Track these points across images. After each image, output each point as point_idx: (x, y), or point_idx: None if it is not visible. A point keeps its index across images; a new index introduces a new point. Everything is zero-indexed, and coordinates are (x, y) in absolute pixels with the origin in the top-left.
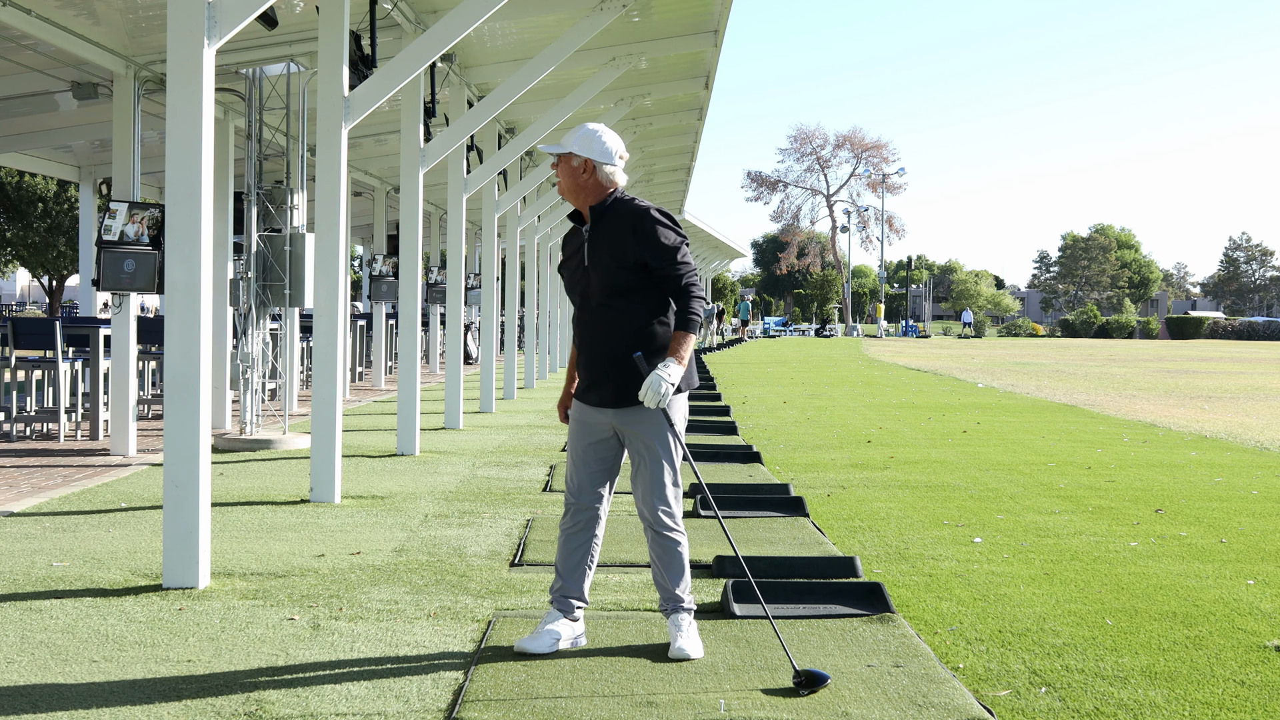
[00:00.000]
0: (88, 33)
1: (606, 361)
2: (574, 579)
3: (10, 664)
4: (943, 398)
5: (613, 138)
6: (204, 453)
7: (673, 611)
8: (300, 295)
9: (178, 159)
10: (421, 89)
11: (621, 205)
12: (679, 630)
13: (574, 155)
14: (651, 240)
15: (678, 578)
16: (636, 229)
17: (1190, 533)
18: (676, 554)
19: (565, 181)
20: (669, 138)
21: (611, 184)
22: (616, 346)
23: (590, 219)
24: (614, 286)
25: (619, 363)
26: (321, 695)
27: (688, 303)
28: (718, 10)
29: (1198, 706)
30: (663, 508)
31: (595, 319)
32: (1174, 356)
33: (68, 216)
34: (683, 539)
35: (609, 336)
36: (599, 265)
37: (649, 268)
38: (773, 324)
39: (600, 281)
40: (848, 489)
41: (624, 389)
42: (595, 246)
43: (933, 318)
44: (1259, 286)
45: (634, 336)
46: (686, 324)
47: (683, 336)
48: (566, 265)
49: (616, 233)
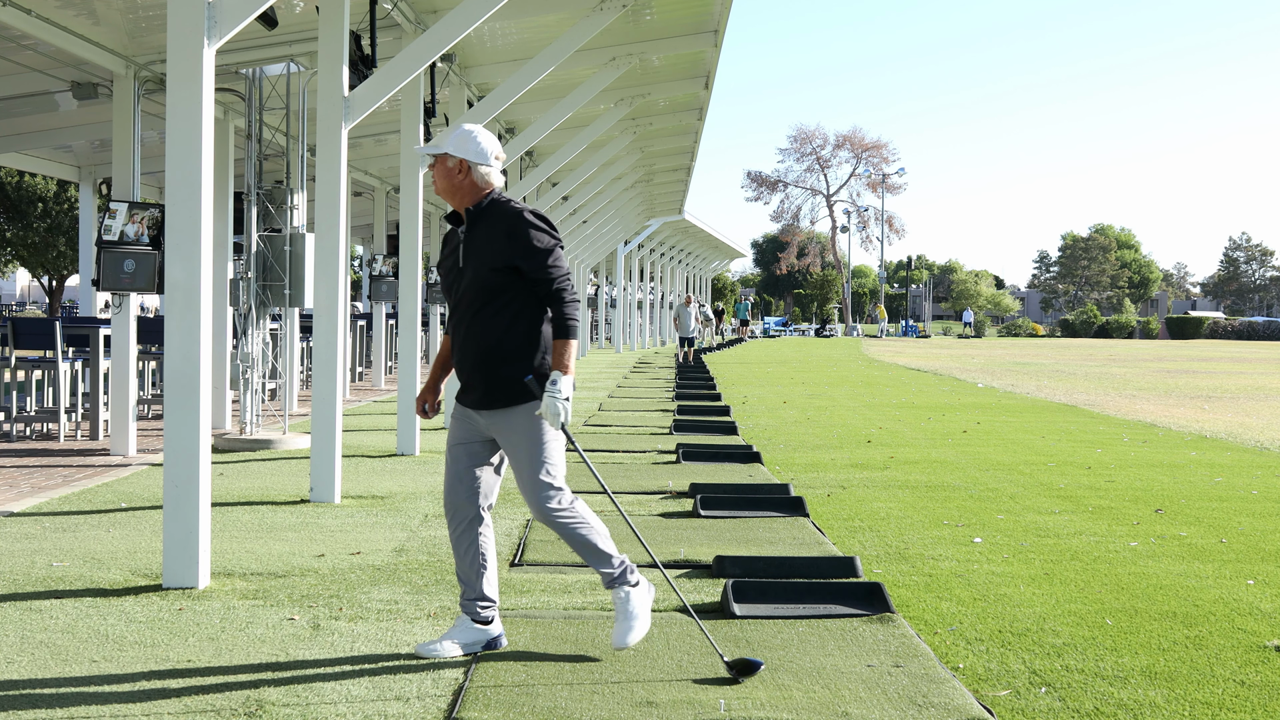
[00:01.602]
0: (88, 33)
1: (475, 364)
2: (473, 583)
3: (10, 664)
4: (943, 398)
5: (489, 138)
6: (204, 453)
7: (610, 586)
8: (300, 295)
9: (178, 159)
10: (421, 89)
11: (497, 207)
12: (617, 613)
13: (449, 156)
14: (524, 243)
15: (594, 556)
16: (510, 231)
17: (1190, 533)
18: (578, 535)
19: (441, 182)
20: (669, 138)
21: (488, 185)
22: (486, 349)
23: (466, 220)
24: (486, 289)
25: (486, 366)
26: (321, 695)
27: (563, 308)
28: (718, 10)
29: (1198, 706)
30: (545, 500)
31: (468, 321)
32: (1174, 356)
33: (68, 216)
34: (576, 517)
35: (480, 339)
36: (472, 267)
37: (520, 271)
38: (773, 324)
39: (472, 283)
40: (848, 489)
41: (491, 392)
42: (470, 248)
43: (933, 318)
44: (1259, 286)
45: (503, 340)
46: (566, 330)
47: (564, 345)
48: (442, 265)
49: (491, 235)
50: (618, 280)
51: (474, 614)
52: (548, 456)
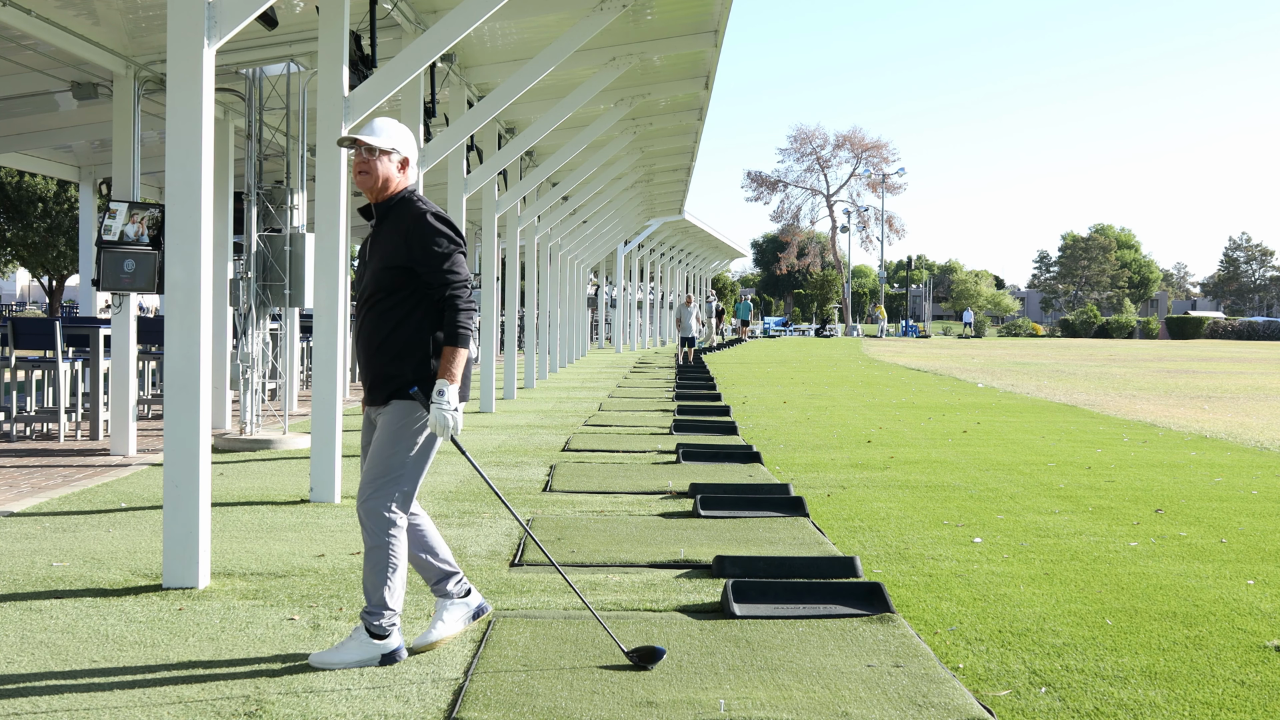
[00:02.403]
0: (88, 33)
1: (366, 360)
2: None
3: (10, 664)
4: (943, 398)
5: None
6: (204, 453)
7: (363, 618)
8: (300, 295)
9: (178, 159)
10: (421, 89)
11: (406, 205)
12: (348, 638)
13: (396, 151)
14: (423, 244)
15: (375, 585)
16: (410, 231)
17: (1190, 533)
18: (381, 554)
19: (378, 175)
20: (669, 138)
21: (407, 182)
22: (374, 346)
23: (377, 215)
24: (381, 286)
25: (374, 362)
26: (321, 695)
27: (454, 315)
28: (718, 10)
29: (1198, 706)
30: (375, 499)
31: (362, 316)
32: (1174, 356)
33: (68, 216)
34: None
35: (370, 335)
36: (373, 263)
37: (415, 272)
38: (773, 324)
39: (371, 279)
40: (848, 489)
41: (375, 388)
42: (374, 243)
43: (933, 318)
44: (1259, 286)
45: (390, 338)
46: (453, 338)
47: (451, 352)
48: (360, 258)
49: (393, 232)
50: (618, 280)
51: (449, 594)
52: (402, 464)
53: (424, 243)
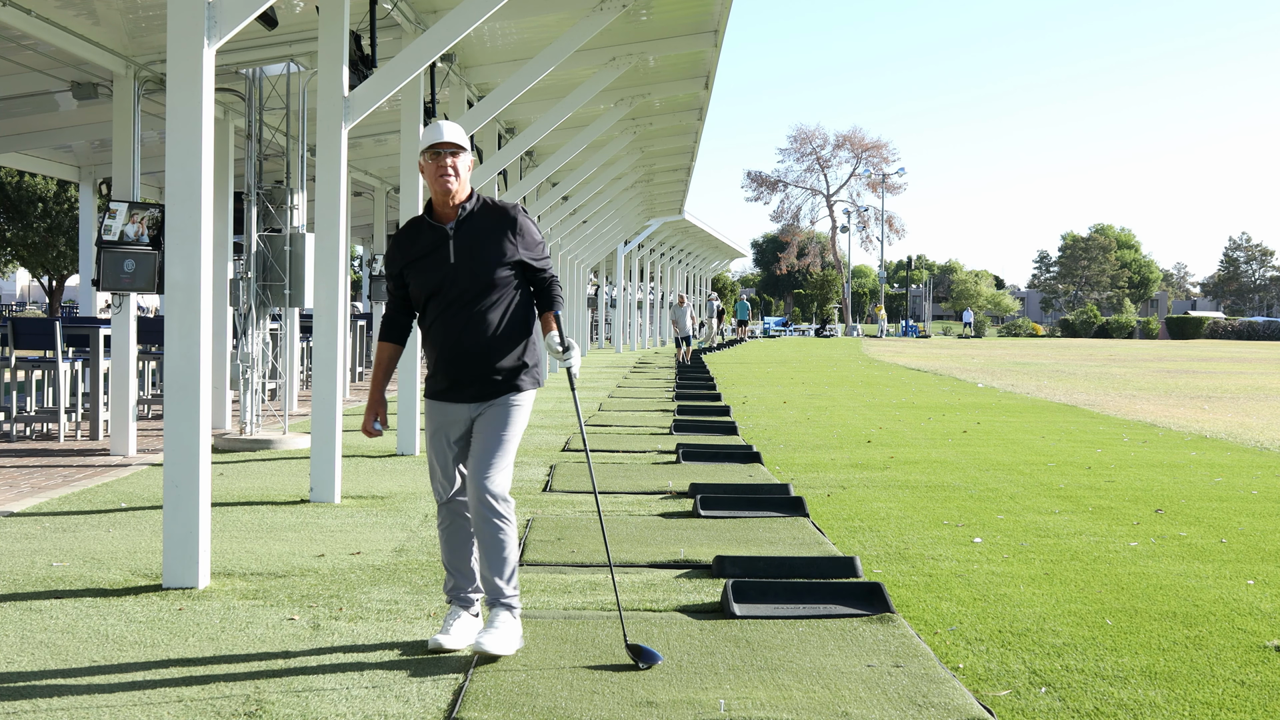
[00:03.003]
0: (88, 33)
1: (476, 357)
2: (467, 572)
3: (10, 664)
4: (943, 398)
5: None
6: (204, 453)
7: (493, 605)
8: (300, 295)
9: (178, 159)
10: (421, 89)
11: (493, 205)
12: (493, 626)
13: (467, 150)
14: (532, 237)
15: (501, 568)
16: (514, 227)
17: (1190, 533)
18: (500, 541)
19: (463, 176)
20: (669, 138)
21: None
22: (488, 343)
23: (458, 217)
24: (487, 284)
25: (487, 359)
26: (321, 695)
27: (557, 289)
28: (718, 10)
29: (1198, 706)
30: (497, 489)
31: (465, 317)
32: (1174, 356)
33: (68, 216)
34: (509, 527)
35: (480, 333)
36: (471, 263)
37: (524, 264)
38: (773, 324)
39: (472, 280)
40: (848, 489)
41: (489, 384)
42: (464, 245)
43: (933, 318)
44: (1259, 286)
45: (503, 332)
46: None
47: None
48: (419, 265)
49: (492, 231)
50: (618, 280)
51: (468, 605)
52: (514, 450)
53: (532, 236)
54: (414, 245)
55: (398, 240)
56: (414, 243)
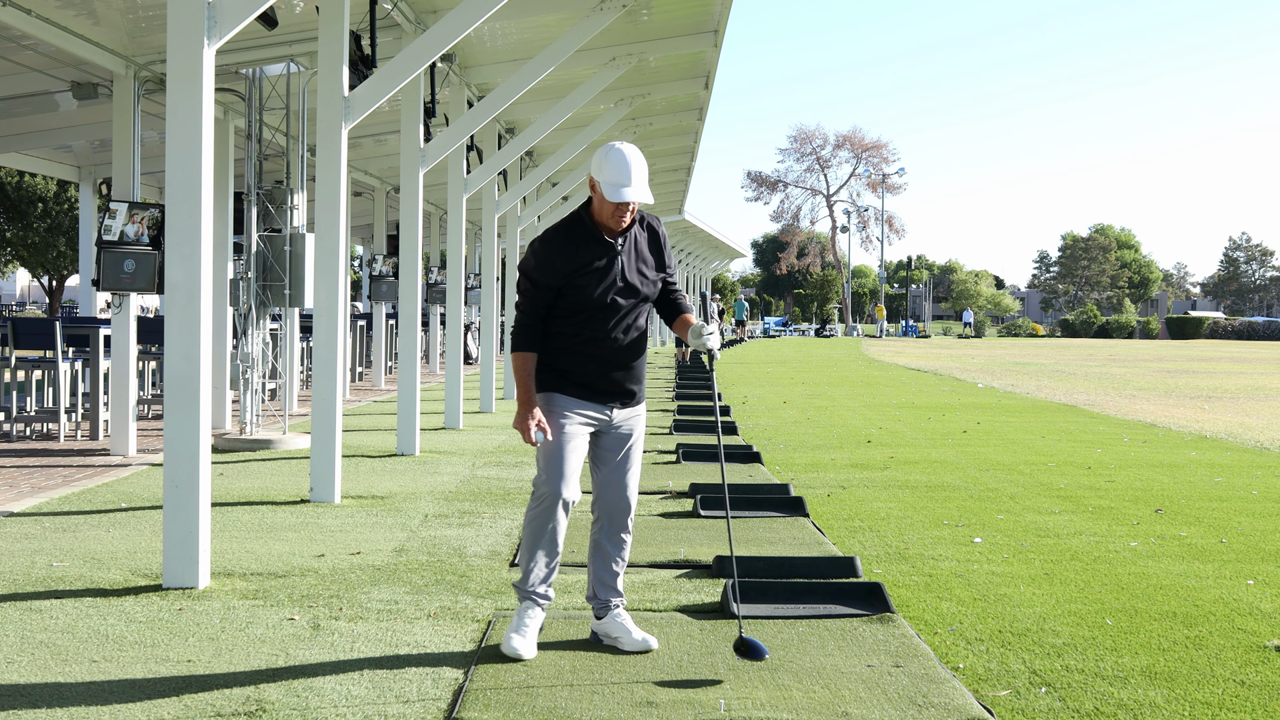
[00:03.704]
0: (88, 33)
1: (636, 364)
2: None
3: (10, 664)
4: (943, 398)
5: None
6: (204, 453)
7: (616, 607)
8: (300, 295)
9: (178, 159)
10: (421, 89)
11: (642, 215)
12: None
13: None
14: (668, 250)
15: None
16: (662, 241)
17: (1190, 533)
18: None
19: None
20: (669, 138)
21: None
22: (641, 349)
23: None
24: (645, 296)
25: (641, 366)
26: (321, 695)
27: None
28: (718, 10)
29: (1198, 706)
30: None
31: (627, 327)
32: (1174, 356)
33: (68, 216)
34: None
35: (639, 342)
36: (639, 277)
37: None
38: (773, 324)
39: (639, 292)
40: (848, 489)
41: (635, 392)
42: (629, 260)
43: (933, 318)
44: (1259, 286)
45: (645, 342)
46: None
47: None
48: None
49: (649, 246)
50: None
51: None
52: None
53: (669, 248)
54: (578, 256)
55: (558, 250)
56: (578, 254)
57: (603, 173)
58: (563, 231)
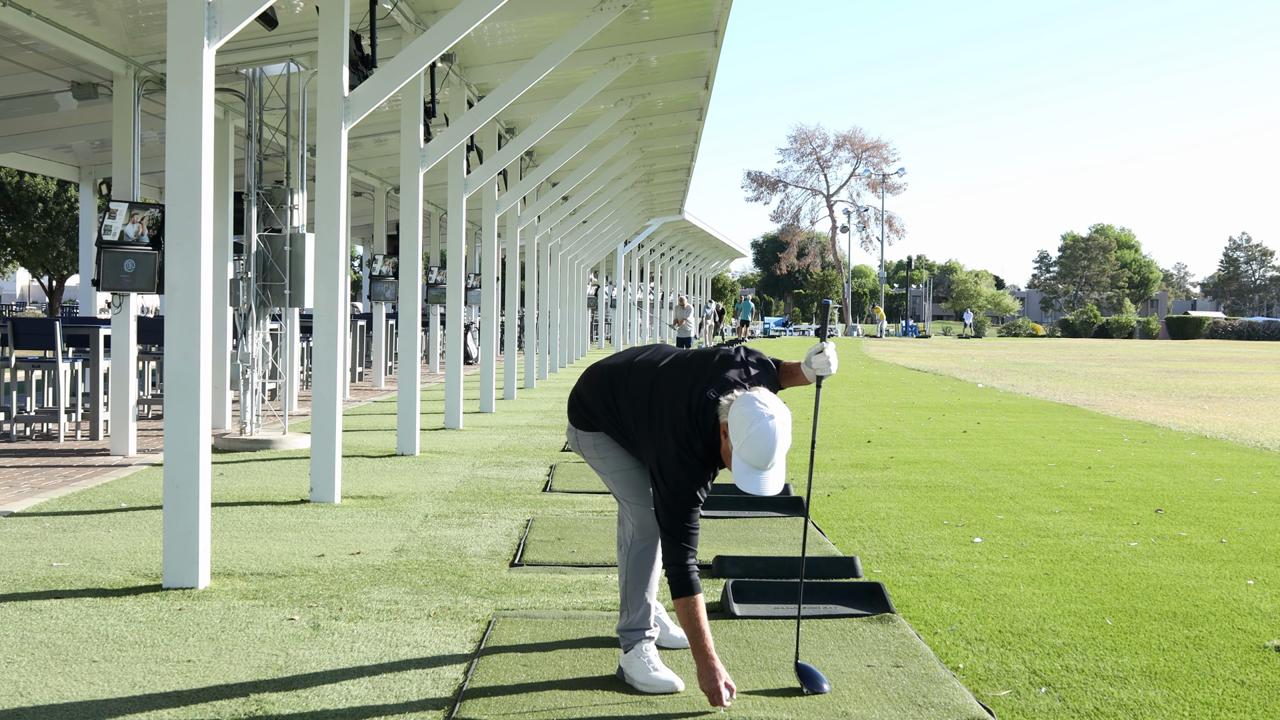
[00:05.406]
0: (88, 33)
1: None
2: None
3: (10, 664)
4: (943, 398)
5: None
6: (204, 453)
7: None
8: (300, 295)
9: (178, 159)
10: (421, 89)
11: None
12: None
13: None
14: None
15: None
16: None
17: (1190, 533)
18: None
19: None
20: (669, 138)
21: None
22: None
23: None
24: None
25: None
26: (321, 695)
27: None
28: (718, 10)
29: (1198, 706)
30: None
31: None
32: (1174, 356)
33: (68, 216)
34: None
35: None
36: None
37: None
38: (773, 324)
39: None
40: (848, 489)
41: None
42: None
43: (933, 318)
44: (1259, 286)
45: None
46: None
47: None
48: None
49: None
50: (618, 280)
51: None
52: None
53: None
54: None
55: (707, 468)
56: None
57: (740, 440)
58: (706, 457)
